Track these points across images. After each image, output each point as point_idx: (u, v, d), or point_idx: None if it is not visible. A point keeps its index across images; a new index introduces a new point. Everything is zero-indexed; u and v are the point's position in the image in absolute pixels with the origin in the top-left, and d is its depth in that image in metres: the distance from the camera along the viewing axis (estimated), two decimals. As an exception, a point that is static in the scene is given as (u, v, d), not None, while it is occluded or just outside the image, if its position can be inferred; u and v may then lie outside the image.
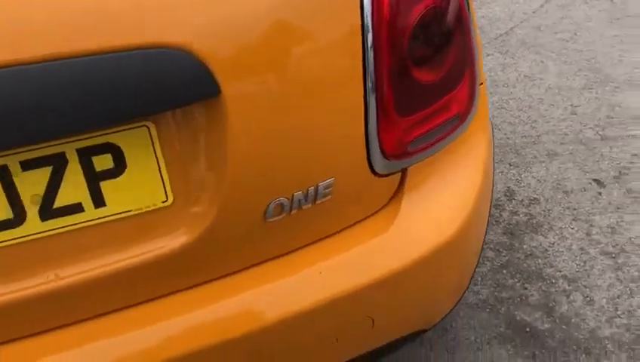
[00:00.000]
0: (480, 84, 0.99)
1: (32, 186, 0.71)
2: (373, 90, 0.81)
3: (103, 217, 0.76)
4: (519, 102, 2.47)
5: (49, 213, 0.73)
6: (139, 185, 0.75)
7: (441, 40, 0.87)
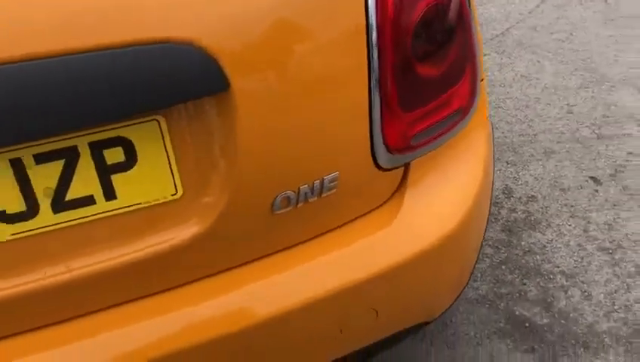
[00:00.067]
0: (480, 80, 1.01)
1: (45, 179, 0.72)
2: (377, 87, 0.83)
3: (113, 210, 0.77)
4: (516, 102, 2.49)
5: (61, 205, 0.74)
6: (149, 178, 0.77)
7: (444, 36, 0.89)
